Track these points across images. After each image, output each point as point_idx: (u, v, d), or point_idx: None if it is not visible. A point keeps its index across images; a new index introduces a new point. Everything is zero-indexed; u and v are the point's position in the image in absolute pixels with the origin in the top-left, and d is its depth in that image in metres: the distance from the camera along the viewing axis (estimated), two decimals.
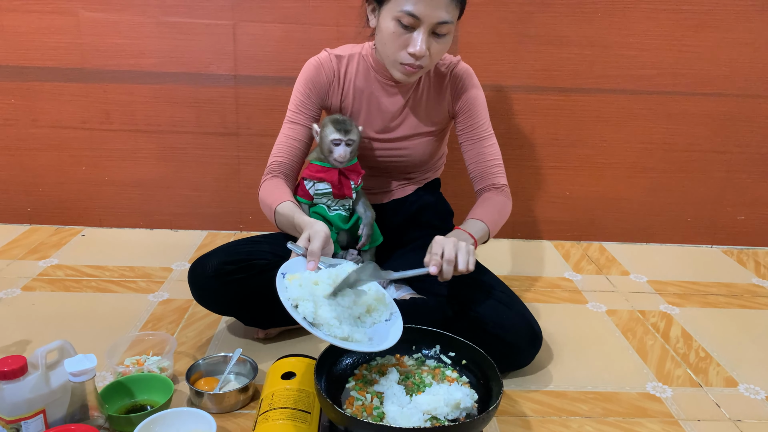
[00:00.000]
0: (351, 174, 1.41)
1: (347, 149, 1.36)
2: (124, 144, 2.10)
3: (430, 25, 1.24)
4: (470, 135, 1.48)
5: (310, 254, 1.13)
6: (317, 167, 1.40)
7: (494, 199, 1.44)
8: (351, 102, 1.46)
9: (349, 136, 1.36)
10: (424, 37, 1.25)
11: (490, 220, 1.38)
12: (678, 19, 1.99)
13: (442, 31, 1.26)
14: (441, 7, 1.23)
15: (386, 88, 1.45)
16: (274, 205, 1.32)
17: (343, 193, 1.40)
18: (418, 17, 1.23)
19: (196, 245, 2.07)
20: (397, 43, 1.28)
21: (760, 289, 1.91)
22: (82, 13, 1.95)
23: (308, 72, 1.44)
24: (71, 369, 1.00)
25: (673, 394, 1.34)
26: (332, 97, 1.46)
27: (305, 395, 1.13)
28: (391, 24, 1.27)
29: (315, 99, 1.45)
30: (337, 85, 1.45)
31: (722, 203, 2.21)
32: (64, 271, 1.83)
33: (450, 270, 1.19)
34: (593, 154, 2.14)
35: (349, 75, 1.45)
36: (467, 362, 1.22)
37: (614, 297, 1.81)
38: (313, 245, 1.13)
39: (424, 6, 1.22)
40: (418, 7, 1.22)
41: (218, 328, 1.54)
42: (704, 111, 2.09)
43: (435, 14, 1.23)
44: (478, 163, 1.48)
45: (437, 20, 1.24)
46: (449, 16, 1.25)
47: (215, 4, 1.95)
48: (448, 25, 1.26)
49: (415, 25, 1.25)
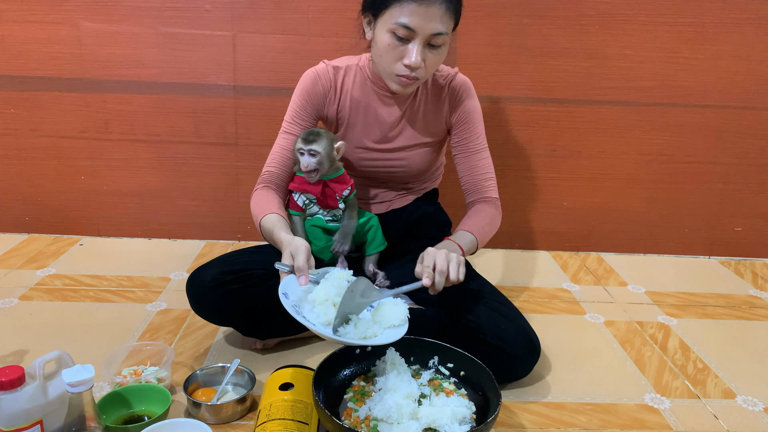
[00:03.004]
0: (336, 185, 1.40)
1: (311, 159, 1.34)
2: (123, 154, 2.10)
3: (425, 37, 1.25)
4: (465, 147, 1.49)
5: (298, 271, 1.14)
6: (302, 179, 1.40)
7: (485, 212, 1.46)
8: (348, 113, 1.47)
9: (311, 146, 1.34)
10: (419, 48, 1.26)
11: (480, 232, 1.40)
12: (675, 31, 2.00)
13: (437, 43, 1.27)
14: (436, 18, 1.24)
15: (383, 99, 1.45)
16: (259, 217, 1.34)
17: (328, 204, 1.41)
18: (413, 29, 1.24)
19: (195, 255, 2.07)
20: (393, 54, 1.29)
21: (757, 300, 1.91)
22: (83, 24, 1.96)
23: (305, 83, 1.45)
24: (69, 379, 1.00)
25: (671, 406, 1.34)
26: (329, 108, 1.47)
27: (303, 406, 1.13)
28: (386, 36, 1.28)
29: (311, 110, 1.45)
30: (333, 95, 1.46)
31: (720, 214, 2.22)
32: (62, 280, 1.83)
33: (442, 281, 1.19)
34: (591, 165, 2.15)
35: (346, 86, 1.46)
36: (465, 373, 1.22)
37: (612, 308, 1.81)
38: (298, 261, 1.14)
39: (419, 18, 1.23)
40: (412, 19, 1.23)
41: (216, 338, 1.54)
42: (701, 123, 2.11)
43: (430, 26, 1.24)
44: (472, 176, 1.49)
45: (432, 32, 1.25)
46: (444, 27, 1.25)
47: (215, 15, 1.96)
48: (443, 37, 1.27)
49: (410, 37, 1.26)
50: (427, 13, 1.23)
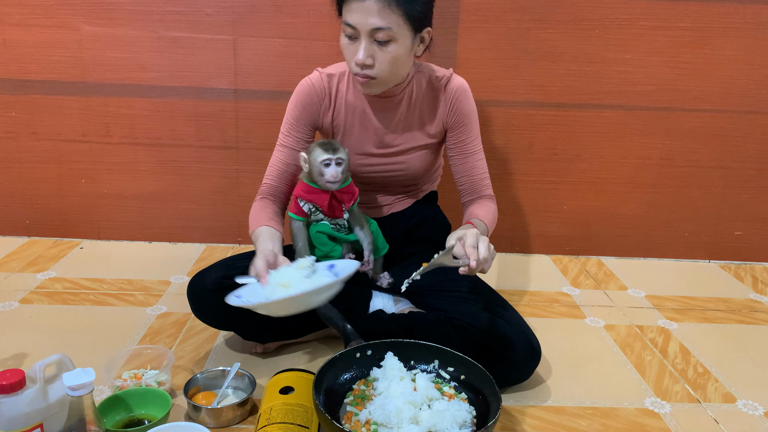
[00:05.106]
0: (344, 196, 1.40)
1: (338, 168, 1.34)
2: (123, 157, 2.10)
3: (367, 33, 1.27)
4: (462, 149, 1.50)
5: (257, 274, 1.18)
6: (309, 188, 1.39)
7: (489, 206, 1.50)
8: (344, 119, 1.47)
9: (338, 154, 1.34)
10: (364, 45, 1.28)
11: (489, 224, 1.45)
12: (675, 36, 2.01)
13: (380, 38, 1.28)
14: (372, 13, 1.25)
15: (378, 103, 1.46)
16: (251, 230, 1.39)
17: (334, 214, 1.41)
18: (353, 26, 1.27)
19: (195, 258, 2.07)
20: (348, 54, 1.33)
21: (757, 304, 1.91)
22: (84, 28, 1.97)
23: (299, 94, 1.47)
24: (69, 383, 1.00)
25: (672, 410, 1.34)
26: (324, 117, 1.48)
27: (303, 410, 1.13)
28: (342, 37, 1.32)
29: (305, 121, 1.47)
30: (329, 103, 1.47)
31: (720, 218, 2.22)
32: (62, 283, 1.83)
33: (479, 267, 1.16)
34: (591, 169, 2.15)
35: (341, 92, 1.47)
36: (465, 377, 1.22)
37: (612, 312, 1.81)
38: (256, 265, 1.19)
39: (357, 15, 1.26)
40: (352, 16, 1.27)
41: (216, 342, 1.54)
42: (701, 126, 2.11)
43: (368, 21, 1.26)
44: (469, 177, 1.51)
45: (371, 27, 1.26)
46: (384, 22, 1.25)
47: (216, 19, 1.96)
48: (386, 32, 1.26)
49: (355, 35, 1.29)
50: (362, 8, 1.25)
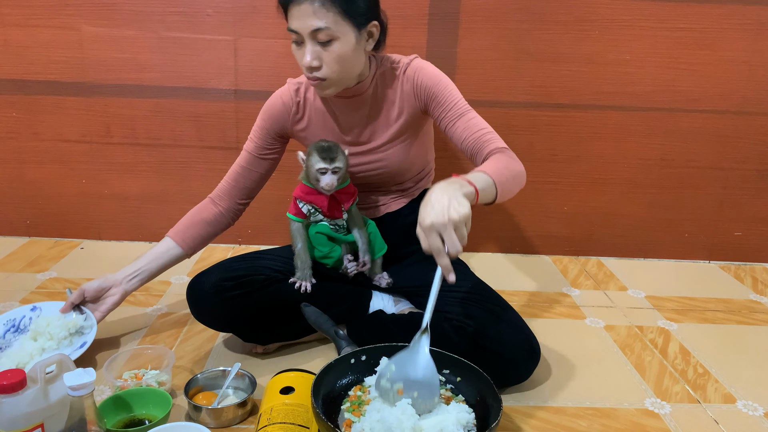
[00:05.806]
0: (343, 196, 1.41)
1: (334, 177, 1.35)
2: (124, 157, 2.11)
3: (309, 35, 1.28)
4: (449, 116, 1.41)
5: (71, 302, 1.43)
6: (308, 189, 1.40)
7: (496, 157, 1.32)
8: (313, 125, 1.50)
9: (335, 164, 1.35)
10: (309, 47, 1.29)
11: (497, 174, 1.23)
12: (674, 37, 2.01)
13: (322, 39, 1.28)
14: (309, 15, 1.26)
15: (345, 104, 1.46)
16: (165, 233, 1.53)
17: (333, 215, 1.41)
18: (296, 31, 1.29)
19: (195, 259, 2.07)
20: (298, 60, 1.34)
21: (757, 305, 1.92)
22: (85, 28, 1.97)
23: (267, 105, 1.52)
24: (70, 383, 1.00)
25: (672, 411, 1.34)
26: (294, 126, 1.51)
27: (304, 410, 1.13)
28: (292, 45, 1.34)
29: (268, 129, 1.51)
30: (296, 111, 1.49)
31: (719, 219, 2.22)
32: (62, 284, 1.83)
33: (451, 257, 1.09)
34: (591, 169, 2.15)
35: (309, 100, 1.49)
36: (462, 379, 1.22)
37: (612, 312, 1.81)
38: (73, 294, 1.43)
39: (296, 20, 1.27)
40: (293, 22, 1.28)
41: (217, 342, 1.54)
42: (701, 128, 2.11)
43: (307, 24, 1.26)
44: (468, 137, 1.38)
45: (310, 29, 1.27)
46: (322, 22, 1.26)
47: (217, 20, 1.97)
48: (325, 31, 1.27)
49: (300, 40, 1.30)
50: (300, 12, 1.26)
